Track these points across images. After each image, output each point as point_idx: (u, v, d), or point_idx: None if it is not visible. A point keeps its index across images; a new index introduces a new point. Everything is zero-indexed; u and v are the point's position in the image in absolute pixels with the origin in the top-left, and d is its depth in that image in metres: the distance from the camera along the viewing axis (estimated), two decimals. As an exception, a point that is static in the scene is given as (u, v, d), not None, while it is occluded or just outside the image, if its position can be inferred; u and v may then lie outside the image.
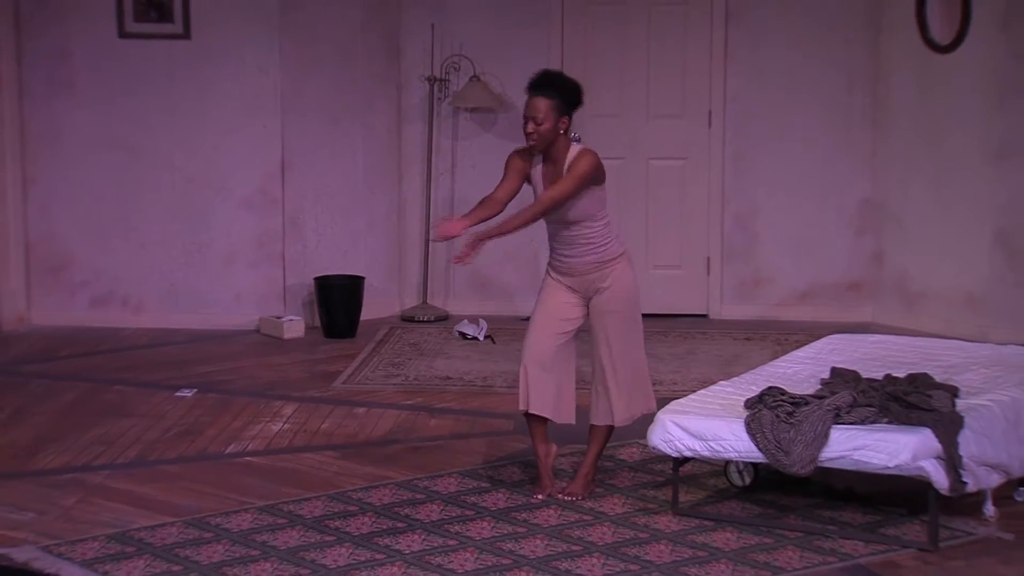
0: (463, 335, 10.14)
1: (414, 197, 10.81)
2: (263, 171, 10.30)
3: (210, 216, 10.35)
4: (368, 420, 8.33)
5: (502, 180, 6.91)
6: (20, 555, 6.43)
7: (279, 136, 10.29)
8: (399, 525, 6.68)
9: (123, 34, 10.22)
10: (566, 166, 6.77)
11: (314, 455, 7.71)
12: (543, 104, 6.74)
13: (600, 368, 7.08)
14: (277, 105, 10.27)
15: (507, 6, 10.67)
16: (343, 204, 10.55)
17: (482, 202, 6.89)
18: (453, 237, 6.89)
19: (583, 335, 7.12)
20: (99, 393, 8.83)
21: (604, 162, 6.57)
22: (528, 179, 6.90)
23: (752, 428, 6.54)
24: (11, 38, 10.17)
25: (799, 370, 7.36)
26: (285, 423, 8.22)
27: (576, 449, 7.44)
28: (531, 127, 6.75)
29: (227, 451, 7.79)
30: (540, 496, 6.97)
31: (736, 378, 7.37)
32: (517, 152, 6.93)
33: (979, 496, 6.62)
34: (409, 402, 8.69)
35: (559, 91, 6.80)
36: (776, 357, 8.06)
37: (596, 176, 6.78)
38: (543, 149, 6.81)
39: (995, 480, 6.60)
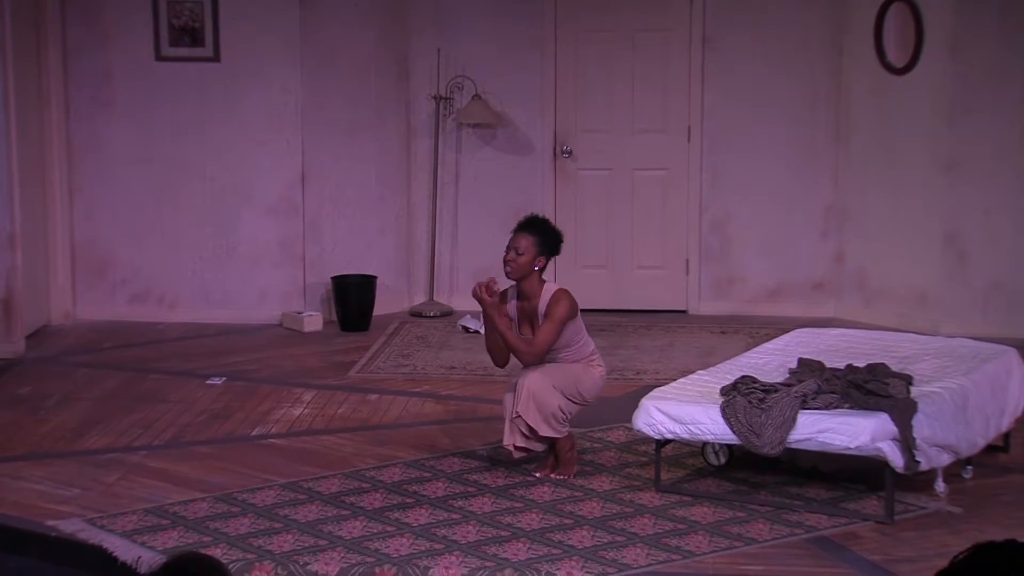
0: (466, 329, 10.13)
1: (422, 204, 10.81)
2: (285, 180, 10.29)
3: (237, 221, 10.34)
4: (380, 405, 8.33)
5: None
6: (67, 527, 6.43)
7: (300, 149, 10.28)
8: (408, 500, 6.67)
9: (159, 57, 10.22)
10: (542, 305, 6.78)
11: (331, 437, 7.71)
12: (525, 240, 6.78)
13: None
14: (298, 121, 10.26)
15: (506, 32, 10.66)
16: (358, 210, 10.55)
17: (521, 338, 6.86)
18: (481, 296, 6.80)
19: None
20: (138, 381, 8.83)
21: (594, 173, 6.59)
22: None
23: (727, 413, 6.54)
24: (59, 61, 10.16)
25: (769, 360, 7.36)
26: (305, 408, 8.22)
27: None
28: (511, 255, 6.78)
29: (253, 433, 7.79)
30: (538, 474, 7.02)
31: (712, 368, 7.37)
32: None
33: (931, 474, 6.63)
34: (417, 389, 8.68)
35: (542, 233, 6.84)
36: (748, 349, 8.06)
37: (572, 314, 6.80)
38: (516, 279, 6.81)
39: (945, 460, 6.61)
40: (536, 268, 6.80)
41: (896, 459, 6.31)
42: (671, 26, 10.60)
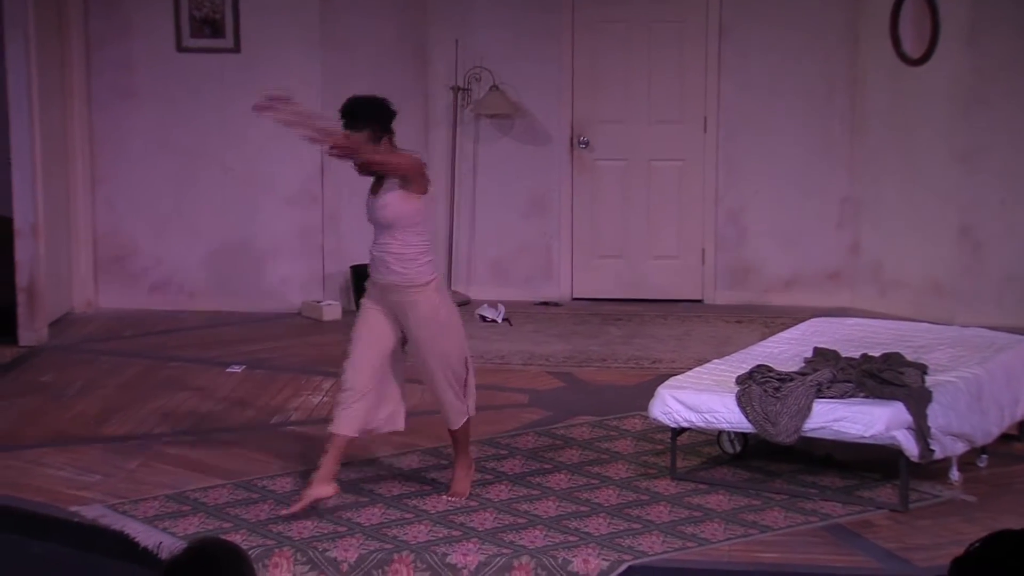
0: (483, 318, 10.13)
1: (440, 194, 10.80)
2: (305, 171, 10.29)
3: (257, 212, 10.35)
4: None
5: None
6: (90, 512, 6.45)
7: (319, 139, 10.28)
8: (425, 488, 6.68)
9: (180, 48, 10.23)
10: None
11: (350, 425, 7.71)
12: (358, 138, 6.24)
13: (427, 381, 6.56)
14: (318, 111, 10.24)
15: (523, 23, 10.65)
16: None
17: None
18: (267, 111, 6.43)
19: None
20: (159, 369, 8.85)
21: (610, 163, 6.45)
22: None
23: (742, 402, 6.54)
24: (82, 51, 10.18)
25: (784, 350, 7.35)
26: (324, 396, 8.22)
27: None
28: (356, 161, 6.32)
29: (272, 421, 7.80)
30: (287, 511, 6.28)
31: (728, 357, 7.36)
32: None
33: (945, 463, 6.62)
34: (435, 377, 8.68)
35: (367, 121, 6.26)
36: (764, 338, 8.05)
37: (415, 172, 6.27)
38: (372, 174, 6.40)
39: (960, 448, 6.60)
40: (385, 151, 6.28)
41: (911, 448, 6.30)
42: (687, 16, 10.58)
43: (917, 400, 6.38)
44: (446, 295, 6.54)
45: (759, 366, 6.78)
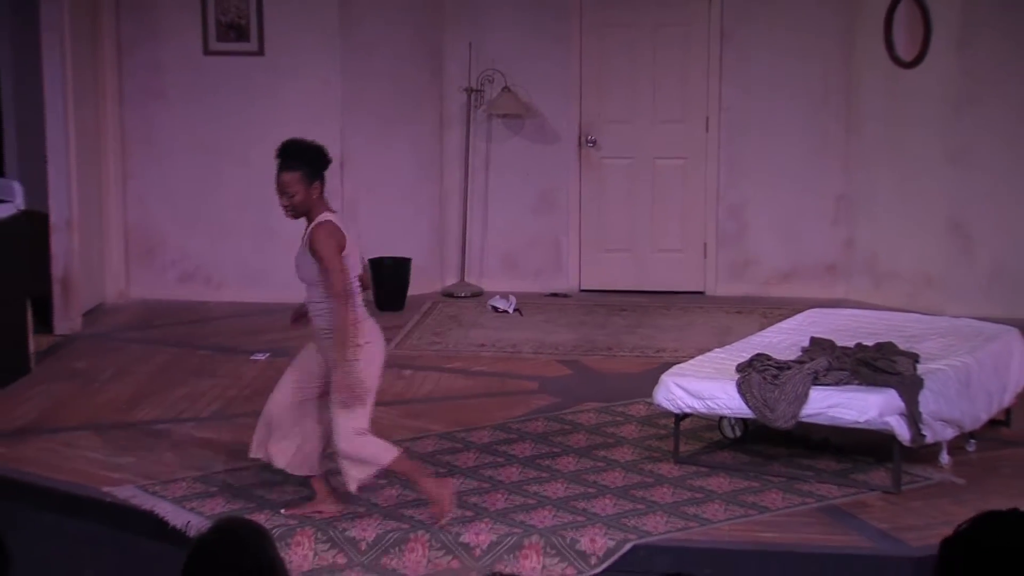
0: (495, 308, 10.13)
1: (454, 190, 10.80)
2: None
3: (279, 207, 10.32)
4: (414, 381, 8.34)
5: None
6: (121, 493, 6.47)
7: (338, 137, 10.28)
8: (440, 470, 6.69)
9: (207, 51, 10.24)
10: (307, 234, 5.98)
11: (369, 410, 7.72)
12: (288, 177, 5.91)
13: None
14: (337, 111, 10.27)
15: (534, 28, 10.63)
16: (393, 196, 10.55)
17: None
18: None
19: None
20: (186, 357, 8.86)
21: (617, 161, 6.34)
22: None
23: (742, 389, 6.54)
24: (114, 54, 10.19)
25: (783, 339, 7.35)
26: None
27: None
28: (284, 201, 5.96)
29: (295, 406, 7.79)
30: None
31: (729, 346, 7.36)
32: None
33: (936, 447, 6.62)
34: (449, 365, 8.69)
35: (303, 162, 5.94)
36: (763, 328, 8.05)
37: (339, 243, 5.93)
38: (300, 217, 6.03)
39: (950, 433, 6.60)
40: (315, 197, 5.95)
41: (903, 433, 6.30)
42: (690, 21, 10.56)
43: (909, 387, 6.37)
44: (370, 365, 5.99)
45: (758, 355, 6.78)
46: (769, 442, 6.90)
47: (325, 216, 5.97)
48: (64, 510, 6.52)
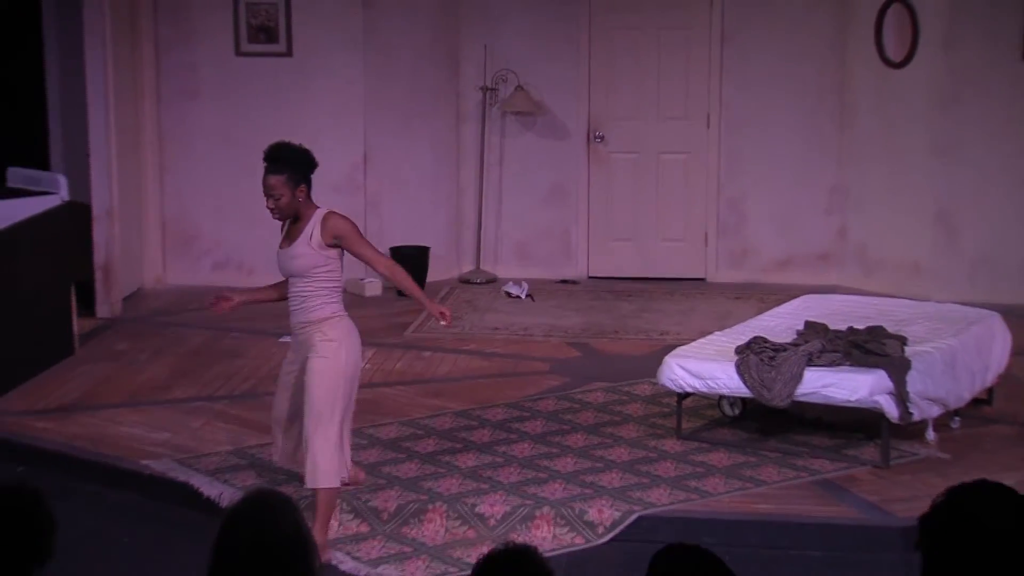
0: (508, 294, 10.13)
1: (470, 183, 10.79)
2: (349, 162, 10.30)
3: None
4: (432, 362, 8.35)
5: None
6: (158, 466, 6.48)
7: (362, 134, 10.29)
8: (457, 446, 6.69)
9: (239, 53, 10.23)
10: (311, 228, 5.79)
11: (389, 389, 7.74)
12: (274, 179, 5.72)
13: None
14: (361, 109, 10.26)
15: (546, 30, 10.60)
16: (413, 188, 10.54)
17: (275, 285, 6.06)
18: (224, 311, 6.04)
19: None
20: (219, 339, 8.88)
21: (623, 156, 6.34)
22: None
23: (741, 369, 6.53)
24: (152, 55, 10.19)
25: (779, 323, 7.33)
26: (366, 363, 8.23)
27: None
28: (270, 203, 5.76)
29: (321, 385, 7.80)
30: None
31: (728, 329, 7.35)
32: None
33: (922, 424, 6.61)
34: (465, 348, 8.69)
35: (289, 165, 5.77)
36: (760, 313, 8.03)
37: (354, 229, 5.86)
38: (288, 218, 5.86)
39: (935, 411, 6.58)
40: (300, 199, 5.78)
41: (892, 411, 6.29)
42: (692, 24, 10.53)
43: (897, 368, 6.36)
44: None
45: (756, 337, 6.77)
46: (766, 420, 6.90)
47: (323, 210, 5.82)
48: (105, 481, 6.54)
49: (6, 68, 9.88)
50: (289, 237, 5.86)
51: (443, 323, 6.06)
